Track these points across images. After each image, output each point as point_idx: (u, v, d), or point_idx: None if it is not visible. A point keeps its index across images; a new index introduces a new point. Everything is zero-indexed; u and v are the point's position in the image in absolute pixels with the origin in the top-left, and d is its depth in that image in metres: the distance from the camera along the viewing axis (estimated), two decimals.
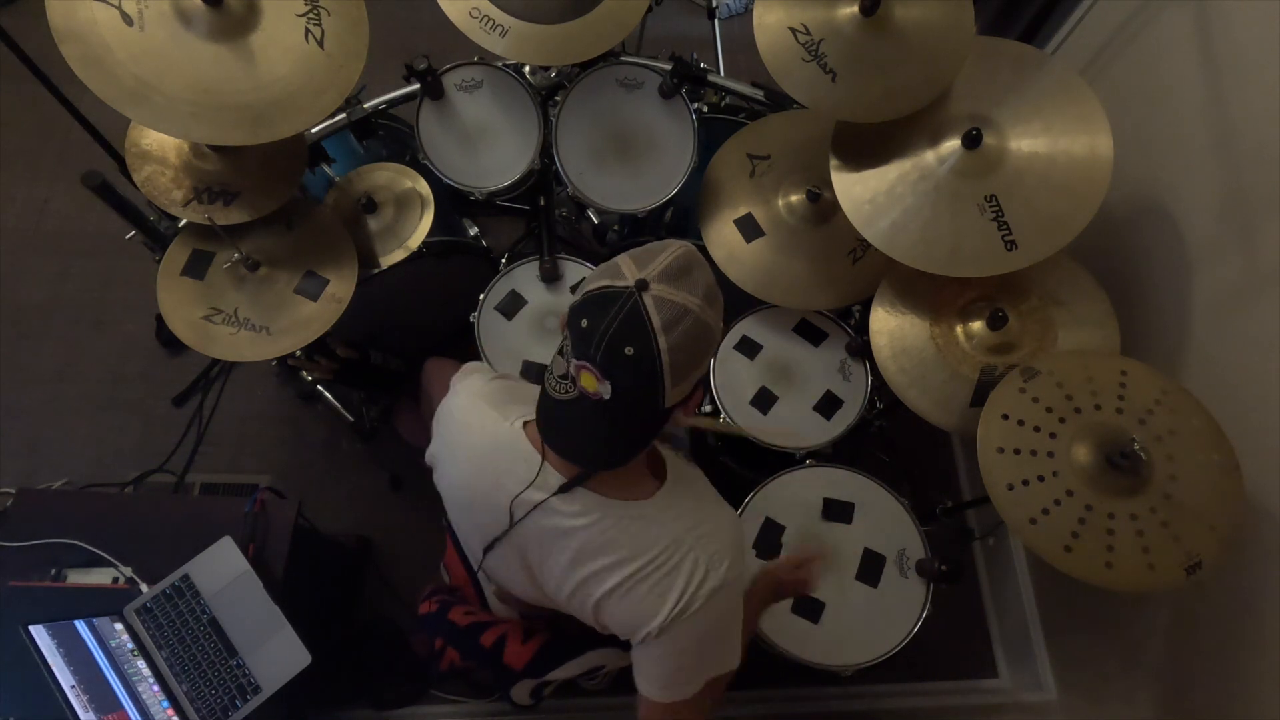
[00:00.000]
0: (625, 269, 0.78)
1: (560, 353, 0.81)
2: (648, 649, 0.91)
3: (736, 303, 1.55)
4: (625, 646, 1.15)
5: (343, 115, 1.55)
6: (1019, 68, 1.32)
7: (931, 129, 1.31)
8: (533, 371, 1.51)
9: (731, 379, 1.54)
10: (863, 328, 1.49)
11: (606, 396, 0.77)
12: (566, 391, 0.80)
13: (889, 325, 1.40)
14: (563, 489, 0.87)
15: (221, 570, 1.33)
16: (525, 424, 0.92)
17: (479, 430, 0.95)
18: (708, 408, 1.54)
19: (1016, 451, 1.16)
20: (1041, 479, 1.14)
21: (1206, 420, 1.18)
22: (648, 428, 0.83)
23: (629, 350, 0.74)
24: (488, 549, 0.97)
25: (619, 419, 0.80)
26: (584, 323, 0.77)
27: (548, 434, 0.85)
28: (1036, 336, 1.36)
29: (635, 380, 0.76)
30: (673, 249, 0.80)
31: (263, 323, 1.36)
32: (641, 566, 0.87)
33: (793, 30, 1.28)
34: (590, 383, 0.77)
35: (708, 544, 0.89)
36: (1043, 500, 1.13)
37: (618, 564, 0.88)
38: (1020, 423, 1.18)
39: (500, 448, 0.92)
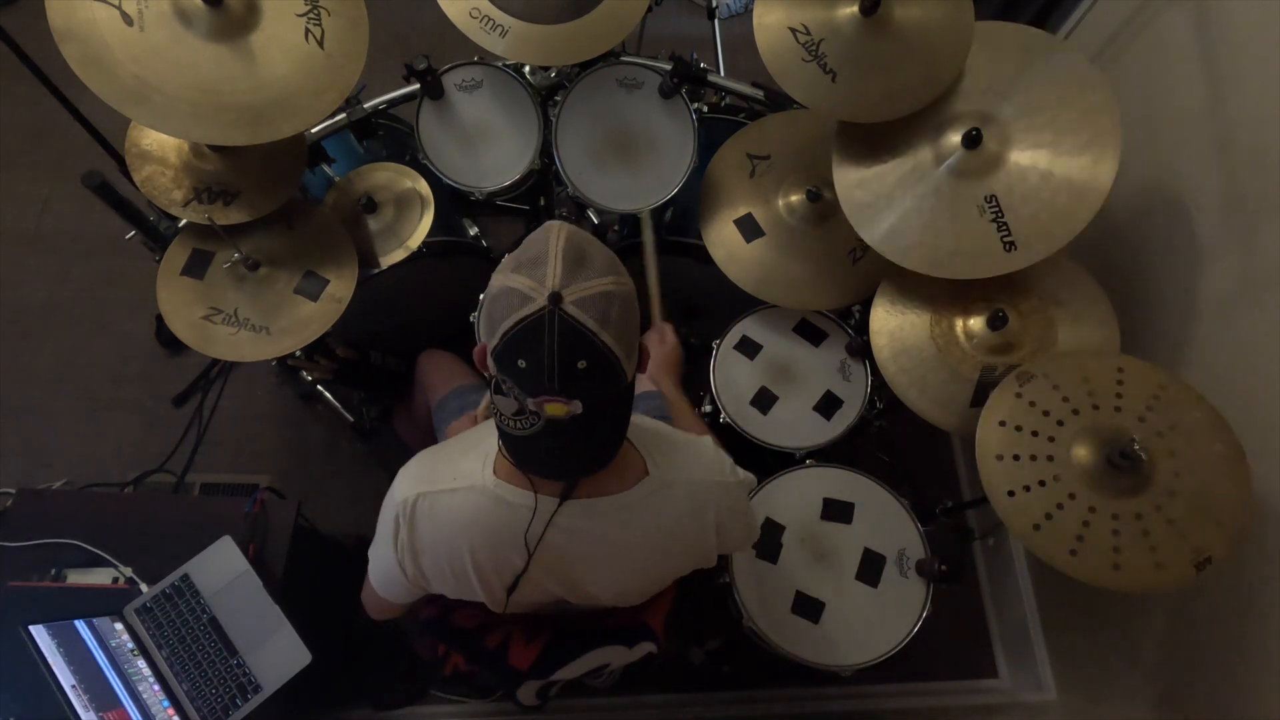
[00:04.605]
0: (525, 289, 0.72)
1: (499, 393, 0.78)
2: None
3: (736, 303, 1.56)
4: (629, 644, 1.15)
5: (343, 115, 1.54)
6: (1023, 60, 1.29)
7: (932, 129, 1.31)
8: None
9: (731, 379, 1.54)
10: (863, 328, 1.49)
11: (579, 412, 0.75)
12: (531, 425, 0.77)
13: (889, 325, 1.40)
14: (563, 499, 0.87)
15: (221, 570, 1.33)
16: (494, 469, 0.89)
17: (468, 512, 0.89)
18: (707, 408, 1.54)
19: (1016, 458, 1.16)
20: (1043, 484, 1.14)
21: (1206, 411, 1.17)
22: (622, 413, 0.83)
23: (582, 365, 0.72)
24: (511, 589, 0.95)
25: (597, 423, 0.79)
26: (521, 364, 0.73)
27: (529, 467, 0.84)
28: (1036, 336, 1.36)
29: (599, 384, 0.75)
30: (553, 241, 0.74)
31: (263, 323, 1.36)
32: (671, 532, 0.93)
33: (793, 30, 1.28)
34: (558, 410, 0.75)
35: (711, 476, 0.96)
36: (1045, 505, 1.13)
37: (651, 545, 0.93)
38: (1018, 429, 1.18)
39: (490, 510, 0.88)
